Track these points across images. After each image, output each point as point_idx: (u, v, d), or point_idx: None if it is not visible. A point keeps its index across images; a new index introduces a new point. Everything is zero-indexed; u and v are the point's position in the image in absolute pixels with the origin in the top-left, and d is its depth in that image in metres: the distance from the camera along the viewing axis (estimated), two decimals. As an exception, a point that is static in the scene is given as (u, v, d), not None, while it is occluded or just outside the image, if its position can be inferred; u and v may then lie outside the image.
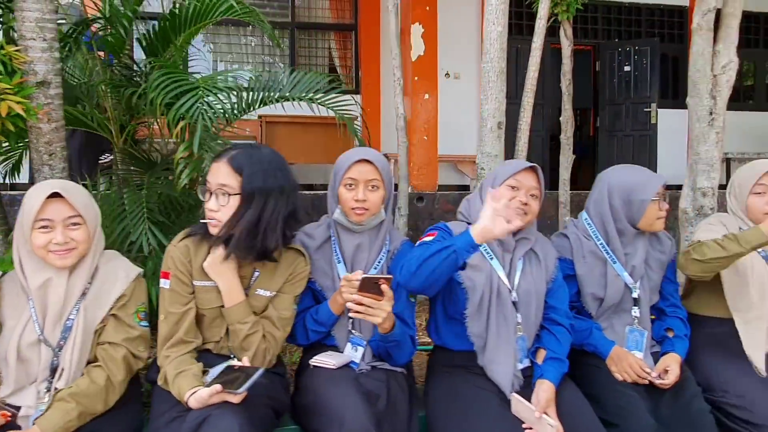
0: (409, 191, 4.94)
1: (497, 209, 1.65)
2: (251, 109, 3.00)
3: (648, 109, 7.90)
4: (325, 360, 1.80)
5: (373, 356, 1.88)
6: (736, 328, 2.10)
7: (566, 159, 3.87)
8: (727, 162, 8.29)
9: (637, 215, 2.04)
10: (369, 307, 1.62)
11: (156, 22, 2.64)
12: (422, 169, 5.10)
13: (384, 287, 1.59)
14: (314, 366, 1.81)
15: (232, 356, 1.73)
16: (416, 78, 5.00)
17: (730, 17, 2.65)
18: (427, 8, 5.00)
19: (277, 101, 3.03)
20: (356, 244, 1.89)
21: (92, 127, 2.69)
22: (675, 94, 8.61)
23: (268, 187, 1.65)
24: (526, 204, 1.88)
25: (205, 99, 2.30)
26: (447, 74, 7.51)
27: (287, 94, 3.00)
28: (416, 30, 4.97)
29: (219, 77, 2.55)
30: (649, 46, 7.78)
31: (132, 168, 2.84)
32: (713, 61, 2.66)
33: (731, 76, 2.66)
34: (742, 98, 8.79)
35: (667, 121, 8.23)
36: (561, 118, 4.10)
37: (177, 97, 2.25)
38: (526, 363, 1.89)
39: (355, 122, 2.99)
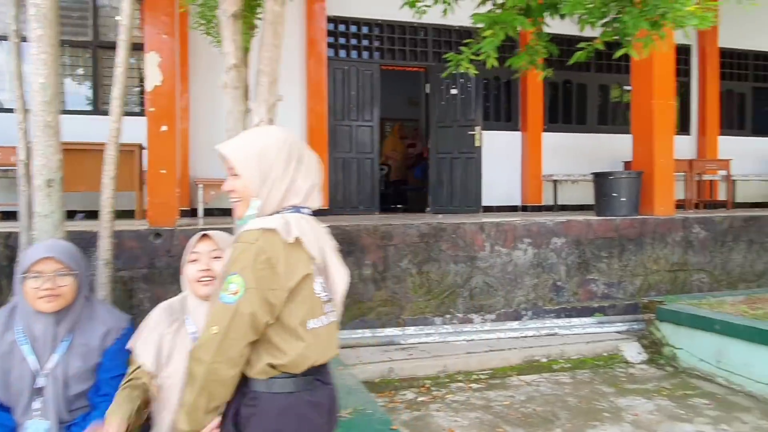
0: (146, 227, 4.81)
1: None
2: None
3: (472, 132, 7.94)
4: None
5: None
6: None
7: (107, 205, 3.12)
8: (554, 184, 8.41)
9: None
10: None
11: None
12: (160, 204, 4.93)
13: None
14: None
15: None
16: (152, 109, 4.87)
17: (263, 74, 2.58)
18: (164, 36, 4.88)
19: None
20: None
21: None
22: (508, 116, 8.69)
23: None
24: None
25: None
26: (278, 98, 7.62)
27: None
28: (152, 59, 4.84)
29: None
30: (473, 70, 7.82)
31: None
32: (246, 120, 2.60)
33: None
34: (574, 120, 8.93)
35: (493, 142, 8.28)
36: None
37: None
38: None
39: None
